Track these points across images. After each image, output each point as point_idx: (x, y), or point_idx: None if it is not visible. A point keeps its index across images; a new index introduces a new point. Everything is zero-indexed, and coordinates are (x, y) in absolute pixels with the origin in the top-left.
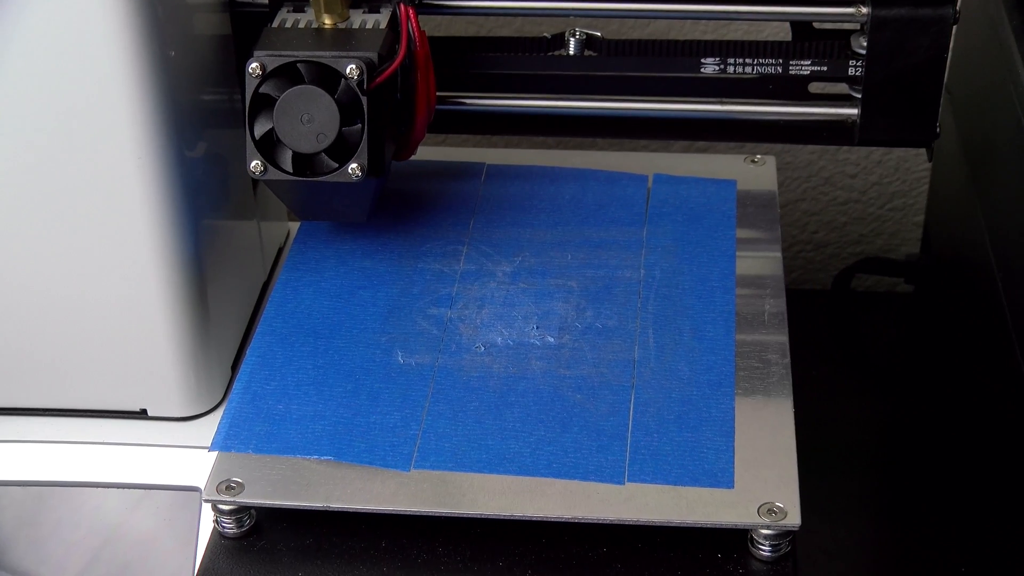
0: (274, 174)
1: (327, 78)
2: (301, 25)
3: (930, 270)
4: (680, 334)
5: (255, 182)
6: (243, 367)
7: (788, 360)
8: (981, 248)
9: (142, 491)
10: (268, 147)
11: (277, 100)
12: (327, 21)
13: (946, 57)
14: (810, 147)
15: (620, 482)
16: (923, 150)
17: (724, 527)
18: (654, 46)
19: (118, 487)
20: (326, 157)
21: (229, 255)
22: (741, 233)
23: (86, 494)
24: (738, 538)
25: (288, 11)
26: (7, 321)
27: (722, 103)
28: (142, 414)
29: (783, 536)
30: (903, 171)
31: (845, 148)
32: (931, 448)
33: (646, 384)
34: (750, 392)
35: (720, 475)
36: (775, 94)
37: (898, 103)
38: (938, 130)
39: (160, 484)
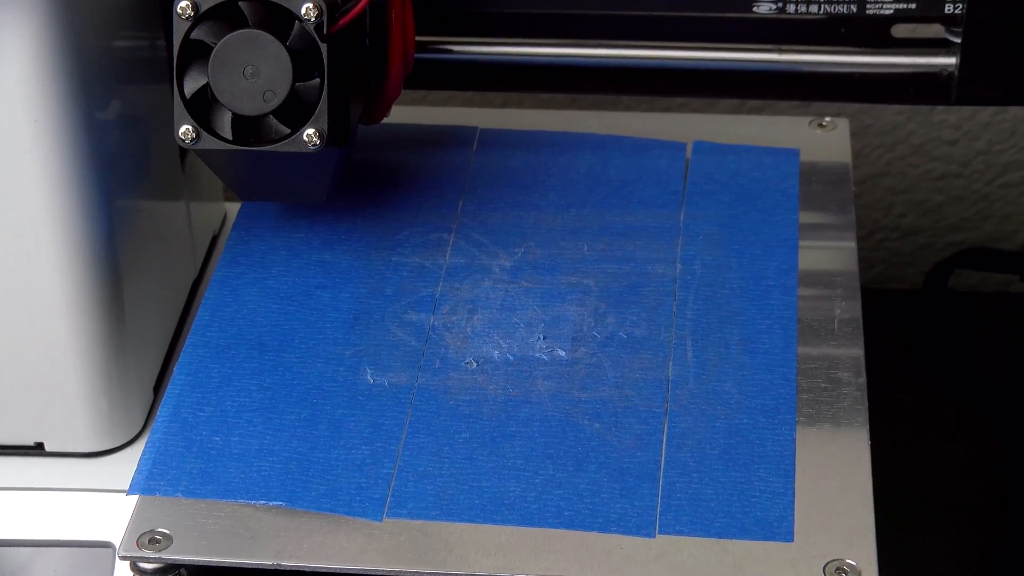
0: (209, 142)
1: (276, 20)
2: None
3: None
4: (727, 346)
5: (184, 152)
6: (169, 389)
7: (863, 380)
8: None
9: (35, 548)
10: (201, 108)
11: (213, 49)
12: None
13: None
14: (895, 107)
15: (650, 534)
16: None
17: None
18: None
19: (4, 545)
20: (275, 120)
21: (150, 244)
22: (805, 217)
23: None
24: None
25: None
26: None
27: (781, 51)
28: (37, 449)
29: None
30: (1019, 136)
31: (941, 108)
32: None
33: (683, 410)
34: (815, 420)
35: (777, 525)
36: (849, 39)
37: (1009, 49)
38: None
39: (61, 539)
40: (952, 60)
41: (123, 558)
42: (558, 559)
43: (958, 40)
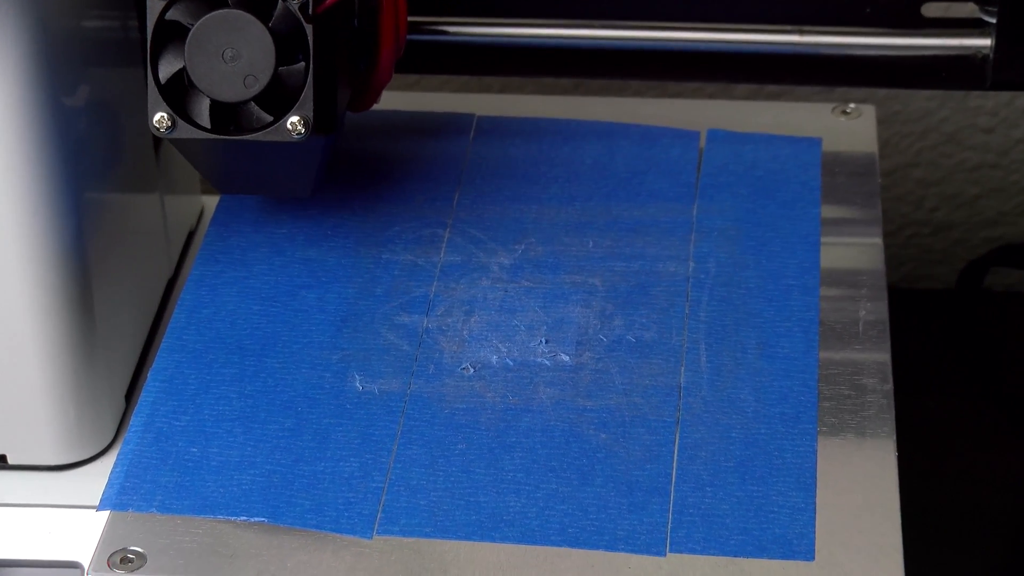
0: (185, 130)
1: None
2: None
3: None
4: (743, 351)
5: (158, 141)
6: (142, 397)
7: (891, 386)
8: None
9: None
10: (177, 94)
11: (190, 30)
12: None
13: None
14: (925, 92)
15: (660, 553)
16: None
17: None
18: None
19: None
20: (257, 107)
21: (121, 241)
22: (828, 211)
23: None
24: None
25: None
26: None
27: (802, 32)
28: (0, 462)
29: None
30: None
31: (976, 93)
32: None
33: (696, 419)
34: (838, 430)
35: (796, 543)
36: (875, 19)
37: None
38: None
39: (25, 559)
40: (987, 41)
41: None
42: None
43: (993, 20)
